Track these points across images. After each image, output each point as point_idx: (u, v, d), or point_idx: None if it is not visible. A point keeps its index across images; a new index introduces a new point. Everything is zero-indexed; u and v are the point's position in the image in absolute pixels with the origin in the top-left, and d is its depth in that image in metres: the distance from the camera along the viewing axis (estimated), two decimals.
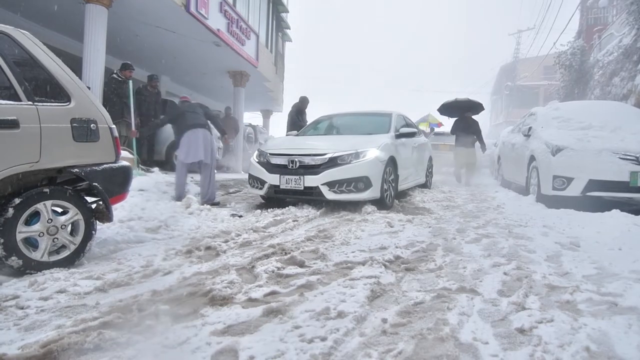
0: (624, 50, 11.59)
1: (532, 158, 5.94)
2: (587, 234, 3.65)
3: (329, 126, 6.59)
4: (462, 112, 9.46)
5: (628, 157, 4.93)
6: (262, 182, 5.09)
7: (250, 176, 5.35)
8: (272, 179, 4.96)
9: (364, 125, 6.12)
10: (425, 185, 7.57)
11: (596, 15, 18.49)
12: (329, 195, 4.74)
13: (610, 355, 1.52)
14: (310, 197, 4.90)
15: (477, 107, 9.72)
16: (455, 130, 9.50)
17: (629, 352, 1.54)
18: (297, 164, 4.88)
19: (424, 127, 15.74)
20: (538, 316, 1.83)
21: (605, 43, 14.51)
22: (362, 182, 4.74)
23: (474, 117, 9.63)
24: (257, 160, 5.32)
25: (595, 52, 15.26)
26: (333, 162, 4.78)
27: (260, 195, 5.39)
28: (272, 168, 5.03)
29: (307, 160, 4.87)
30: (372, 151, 4.93)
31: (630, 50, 11.10)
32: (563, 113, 6.15)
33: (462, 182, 9.26)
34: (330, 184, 4.73)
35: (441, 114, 10.41)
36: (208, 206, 4.86)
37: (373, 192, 4.82)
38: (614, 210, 4.27)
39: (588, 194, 5.01)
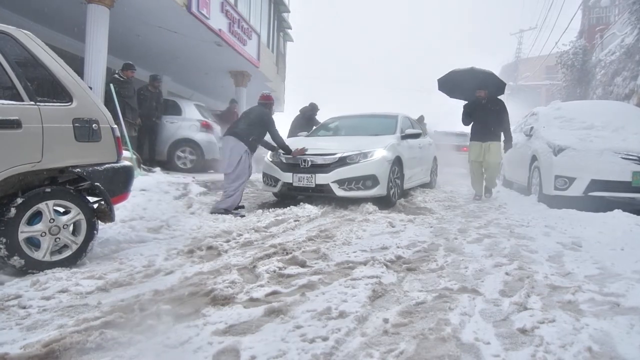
0: (626, 49, 11.56)
1: (534, 158, 5.93)
2: (589, 234, 3.64)
3: (338, 127, 6.85)
4: (474, 90, 6.35)
5: (630, 157, 4.92)
6: (276, 180, 5.36)
7: (265, 174, 5.62)
8: (286, 177, 5.22)
9: (371, 126, 6.34)
10: (430, 185, 7.70)
11: (598, 14, 18.44)
12: (339, 192, 5.00)
13: (612, 355, 1.52)
14: (321, 194, 5.15)
15: (495, 83, 6.37)
16: (468, 117, 6.42)
17: (631, 353, 1.53)
18: (309, 163, 5.15)
19: None
20: (540, 316, 1.83)
21: (607, 43, 14.47)
22: (370, 180, 5.01)
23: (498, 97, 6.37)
24: (271, 160, 5.56)
25: (597, 51, 15.22)
26: (342, 162, 5.04)
27: (273, 193, 5.67)
28: (285, 167, 5.29)
29: (318, 160, 5.13)
30: (379, 151, 5.17)
31: (633, 50, 11.07)
32: (565, 113, 6.14)
33: (483, 195, 6.50)
34: (340, 182, 5.00)
35: (441, 90, 7.14)
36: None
37: (380, 190, 5.06)
38: (616, 211, 4.26)
39: (590, 194, 4.99)
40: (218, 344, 1.58)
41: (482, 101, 6.30)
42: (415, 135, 6.28)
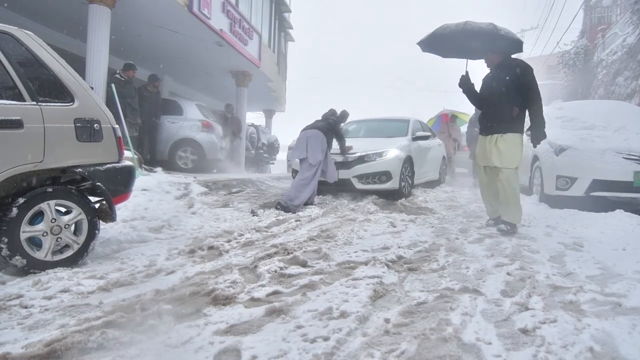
0: (627, 49, 11.53)
1: (536, 158, 5.92)
2: (591, 234, 3.63)
3: (356, 130, 7.51)
4: (478, 54, 4.11)
5: (632, 157, 4.90)
6: None
7: (294, 170, 6.42)
8: None
9: (385, 129, 7.07)
10: (439, 181, 8.28)
11: (600, 14, 18.39)
12: (358, 185, 5.82)
13: (614, 356, 1.52)
14: (342, 187, 5.93)
15: (505, 38, 3.81)
16: (474, 95, 4.13)
17: (632, 353, 1.53)
18: (333, 161, 5.81)
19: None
20: (541, 316, 1.82)
21: (609, 42, 14.43)
22: (384, 176, 5.80)
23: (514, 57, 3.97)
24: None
25: (599, 51, 15.19)
26: (361, 160, 5.84)
27: None
28: None
29: (341, 158, 5.87)
30: (393, 151, 5.96)
31: (634, 50, 11.04)
32: (566, 113, 6.12)
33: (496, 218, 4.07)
34: (359, 177, 5.81)
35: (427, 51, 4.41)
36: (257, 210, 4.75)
37: (393, 184, 5.84)
38: (617, 211, 4.25)
39: (592, 194, 4.98)
40: (219, 343, 1.58)
41: (499, 67, 3.91)
42: (425, 137, 7.01)
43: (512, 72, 3.76)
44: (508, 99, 3.77)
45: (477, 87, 4.11)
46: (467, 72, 4.11)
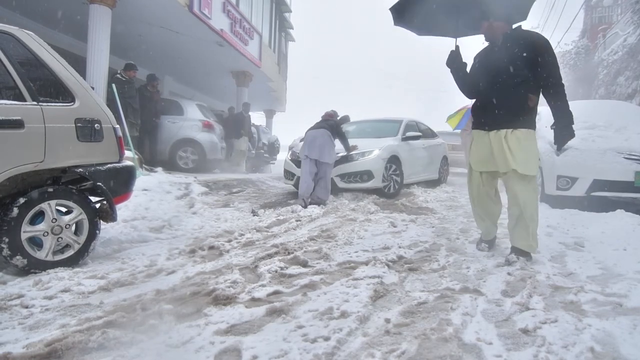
0: (628, 49, 11.52)
1: None
2: (592, 234, 3.62)
3: (349, 132, 7.49)
4: (471, 22, 3.10)
5: (633, 157, 4.89)
6: (292, 175, 6.43)
7: (285, 170, 6.72)
8: (300, 172, 5.97)
9: (377, 130, 7.24)
10: (439, 181, 8.29)
11: (600, 14, 18.37)
12: (340, 184, 5.99)
13: (615, 356, 1.52)
14: None
15: (507, 4, 2.87)
16: (464, 80, 3.08)
17: (633, 353, 1.53)
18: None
19: None
20: (542, 317, 1.82)
21: (609, 42, 14.43)
22: (366, 175, 5.95)
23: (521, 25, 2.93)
24: (290, 158, 6.64)
25: (600, 51, 15.18)
26: (344, 159, 6.02)
27: (292, 185, 6.53)
28: (300, 164, 6.02)
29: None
30: (375, 151, 6.09)
31: (635, 49, 11.03)
32: None
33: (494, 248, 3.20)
34: (342, 176, 6.00)
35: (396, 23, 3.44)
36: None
37: (375, 183, 5.97)
38: (618, 211, 4.24)
39: (592, 194, 4.97)
40: (220, 343, 1.58)
41: (499, 44, 2.88)
42: (416, 137, 7.14)
43: (527, 49, 2.75)
44: (520, 84, 2.80)
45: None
46: (457, 47, 3.15)
